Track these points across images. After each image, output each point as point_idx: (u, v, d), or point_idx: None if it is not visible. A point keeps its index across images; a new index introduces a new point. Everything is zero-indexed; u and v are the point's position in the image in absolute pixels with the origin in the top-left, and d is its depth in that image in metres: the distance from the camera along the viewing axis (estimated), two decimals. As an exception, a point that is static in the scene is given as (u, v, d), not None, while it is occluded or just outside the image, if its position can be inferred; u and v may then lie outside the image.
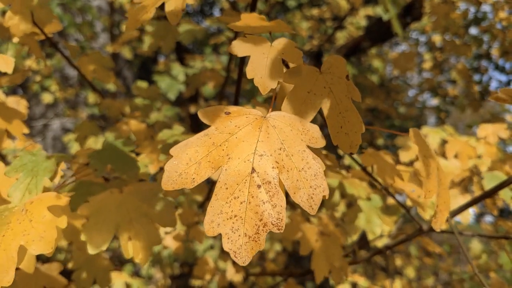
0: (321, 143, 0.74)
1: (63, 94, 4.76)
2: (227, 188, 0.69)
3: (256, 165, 0.71)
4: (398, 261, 5.32)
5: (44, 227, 0.87)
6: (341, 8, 4.66)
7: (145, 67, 6.24)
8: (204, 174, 0.70)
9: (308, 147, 0.73)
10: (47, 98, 4.78)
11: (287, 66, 0.90)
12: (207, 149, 0.72)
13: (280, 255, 4.42)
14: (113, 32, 5.67)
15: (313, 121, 0.82)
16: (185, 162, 0.71)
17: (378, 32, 4.62)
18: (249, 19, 0.92)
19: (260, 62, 0.83)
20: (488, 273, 2.97)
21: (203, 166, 0.71)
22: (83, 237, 0.99)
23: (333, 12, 5.05)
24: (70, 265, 1.50)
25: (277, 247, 4.11)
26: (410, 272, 5.17)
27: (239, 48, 0.85)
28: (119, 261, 4.74)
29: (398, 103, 6.51)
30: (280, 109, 0.82)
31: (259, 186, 0.69)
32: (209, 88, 3.90)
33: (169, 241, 2.45)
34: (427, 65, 5.75)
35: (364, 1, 5.10)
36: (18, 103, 2.68)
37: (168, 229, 2.60)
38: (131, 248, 1.01)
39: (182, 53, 4.12)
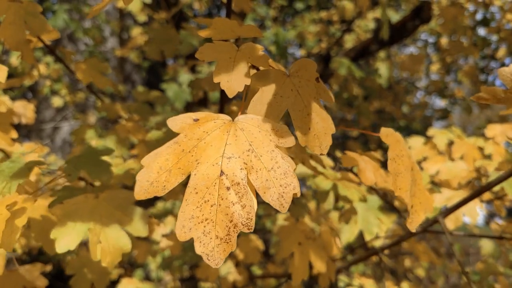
0: (290, 142, 0.75)
1: (72, 98, 4.81)
2: (197, 193, 0.70)
3: (224, 167, 0.72)
4: (408, 263, 5.29)
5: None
6: (348, 11, 4.66)
7: (154, 71, 6.27)
8: (175, 181, 0.71)
9: (278, 147, 0.74)
10: (57, 102, 4.83)
11: (258, 70, 0.91)
12: (177, 156, 0.73)
13: (289, 258, 4.42)
14: (122, 36, 5.72)
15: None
16: (156, 171, 0.71)
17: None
18: (220, 24, 0.93)
19: (227, 66, 0.84)
20: (496, 275, 2.95)
21: (173, 173, 0.72)
22: (52, 235, 1.01)
23: (341, 15, 5.05)
24: (67, 271, 1.53)
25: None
26: (421, 272, 5.14)
27: (206, 53, 0.85)
28: (129, 264, 4.78)
29: (405, 105, 6.48)
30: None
31: (228, 188, 0.70)
32: (216, 92, 3.92)
33: (166, 242, 2.47)
34: (435, 67, 5.73)
35: (372, 4, 5.08)
36: (26, 107, 2.73)
37: (166, 231, 2.63)
38: (99, 251, 1.03)
39: (189, 58, 4.14)
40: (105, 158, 1.21)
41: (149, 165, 0.72)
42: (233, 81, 0.83)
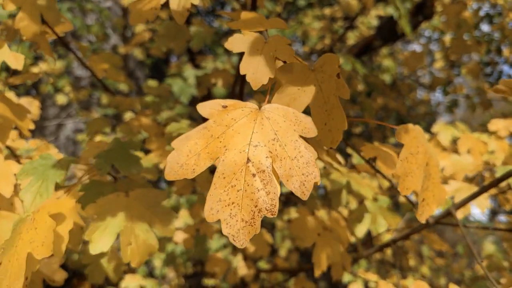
0: (313, 132, 0.77)
1: (76, 95, 4.81)
2: (224, 178, 0.73)
3: (251, 155, 0.74)
4: (411, 262, 5.30)
5: (45, 233, 0.90)
6: (352, 7, 4.65)
7: (157, 68, 6.27)
8: (204, 165, 0.74)
9: (301, 137, 0.76)
10: (61, 99, 4.83)
11: (285, 62, 0.92)
12: (206, 141, 0.75)
13: (293, 253, 4.43)
14: (125, 33, 5.71)
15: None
16: (186, 154, 0.74)
17: (389, 32, 4.61)
18: (248, 17, 0.94)
19: (253, 58, 0.87)
20: (501, 272, 2.95)
21: (202, 157, 0.74)
22: (86, 237, 1.02)
23: (344, 11, 5.04)
24: (82, 260, 1.53)
25: (288, 244, 4.11)
26: (425, 271, 5.15)
27: (235, 44, 0.88)
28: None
29: (408, 100, 6.47)
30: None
31: (254, 175, 0.73)
32: (220, 89, 3.91)
33: (179, 235, 2.47)
34: (439, 64, 5.71)
35: (375, 1, 5.08)
36: (31, 104, 2.72)
37: (179, 224, 2.63)
38: (130, 253, 1.05)
39: (193, 54, 4.14)
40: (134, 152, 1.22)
41: (179, 148, 0.74)
42: (259, 73, 0.85)
